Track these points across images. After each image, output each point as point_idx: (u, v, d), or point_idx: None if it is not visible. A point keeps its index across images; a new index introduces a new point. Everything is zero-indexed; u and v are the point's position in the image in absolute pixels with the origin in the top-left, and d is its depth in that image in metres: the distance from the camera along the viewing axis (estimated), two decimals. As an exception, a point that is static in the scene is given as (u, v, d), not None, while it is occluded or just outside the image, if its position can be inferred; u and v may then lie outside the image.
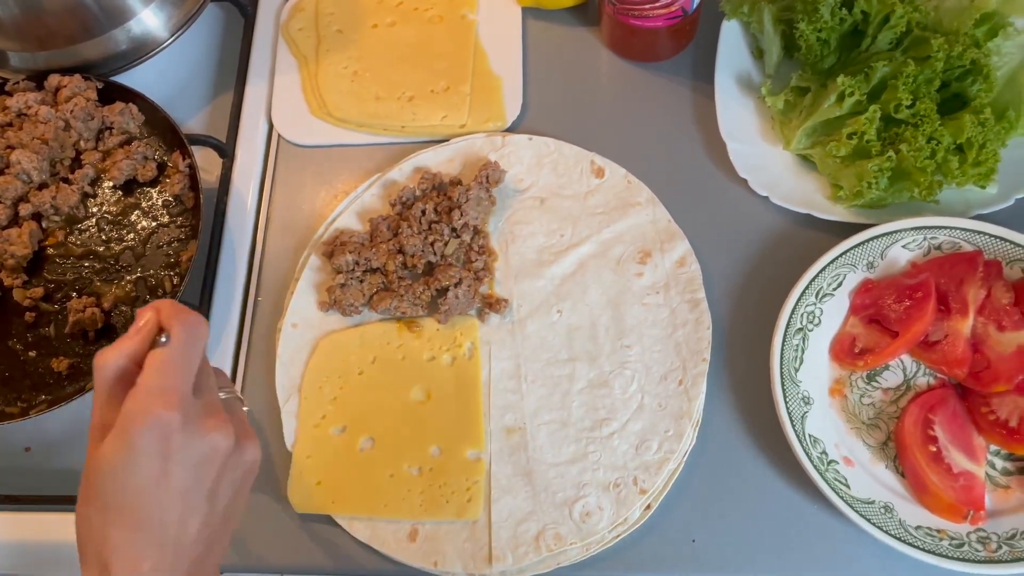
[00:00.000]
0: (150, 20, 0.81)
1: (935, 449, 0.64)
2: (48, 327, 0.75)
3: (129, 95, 0.80)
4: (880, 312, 0.68)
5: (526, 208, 0.77)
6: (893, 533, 0.62)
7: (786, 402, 0.65)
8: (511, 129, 0.81)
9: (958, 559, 0.61)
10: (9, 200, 0.77)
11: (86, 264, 0.77)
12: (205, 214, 0.76)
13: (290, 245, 0.80)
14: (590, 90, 0.83)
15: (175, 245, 0.77)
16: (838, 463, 0.65)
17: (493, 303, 0.73)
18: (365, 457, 0.69)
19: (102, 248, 0.77)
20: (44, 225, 0.78)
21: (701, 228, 0.75)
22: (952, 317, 0.67)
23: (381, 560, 0.67)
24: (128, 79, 0.81)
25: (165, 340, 0.50)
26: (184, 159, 0.78)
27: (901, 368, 0.69)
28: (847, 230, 0.70)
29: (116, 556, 0.47)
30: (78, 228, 0.78)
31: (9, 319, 0.75)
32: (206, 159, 0.83)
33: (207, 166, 0.83)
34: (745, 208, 0.75)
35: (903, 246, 0.69)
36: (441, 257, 0.74)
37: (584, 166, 0.78)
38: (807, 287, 0.68)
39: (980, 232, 0.68)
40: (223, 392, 0.55)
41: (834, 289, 0.69)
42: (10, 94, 0.80)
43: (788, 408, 0.65)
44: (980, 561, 0.60)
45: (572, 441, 0.68)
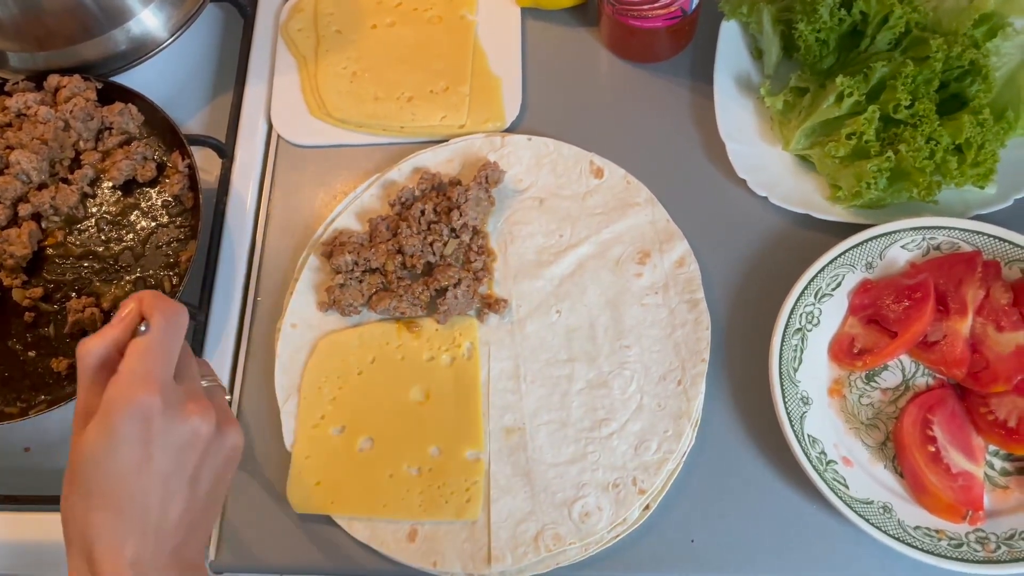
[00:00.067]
0: (149, 20, 0.81)
1: (934, 449, 0.64)
2: (47, 327, 0.75)
3: (128, 95, 0.80)
4: (879, 312, 0.68)
5: (525, 208, 0.77)
6: (892, 533, 0.62)
7: (785, 402, 0.65)
8: (510, 129, 0.81)
9: (957, 559, 0.61)
10: (8, 200, 0.77)
11: (85, 264, 0.77)
12: (204, 214, 0.76)
13: (289, 245, 0.80)
14: (589, 90, 0.83)
15: (174, 245, 0.77)
16: (837, 463, 0.65)
17: (492, 303, 0.73)
18: (364, 457, 0.69)
19: (101, 248, 0.77)
20: (43, 225, 0.78)
21: (700, 228, 0.75)
22: (951, 317, 0.67)
23: (380, 560, 0.68)
24: (128, 79, 0.81)
25: (145, 329, 0.51)
26: (183, 159, 0.78)
27: (900, 368, 0.69)
28: (846, 230, 0.70)
29: (99, 541, 0.48)
30: (77, 228, 0.78)
31: (8, 319, 0.75)
32: (205, 159, 0.83)
33: (206, 166, 0.83)
34: (744, 208, 0.75)
35: (902, 246, 0.69)
36: (440, 257, 0.74)
37: (583, 166, 0.78)
38: (806, 287, 0.68)
39: (979, 232, 0.68)
40: (205, 380, 0.56)
41: (833, 289, 0.69)
42: (9, 94, 0.80)
43: (787, 408, 0.65)
44: (979, 561, 0.61)
45: (571, 441, 0.68)
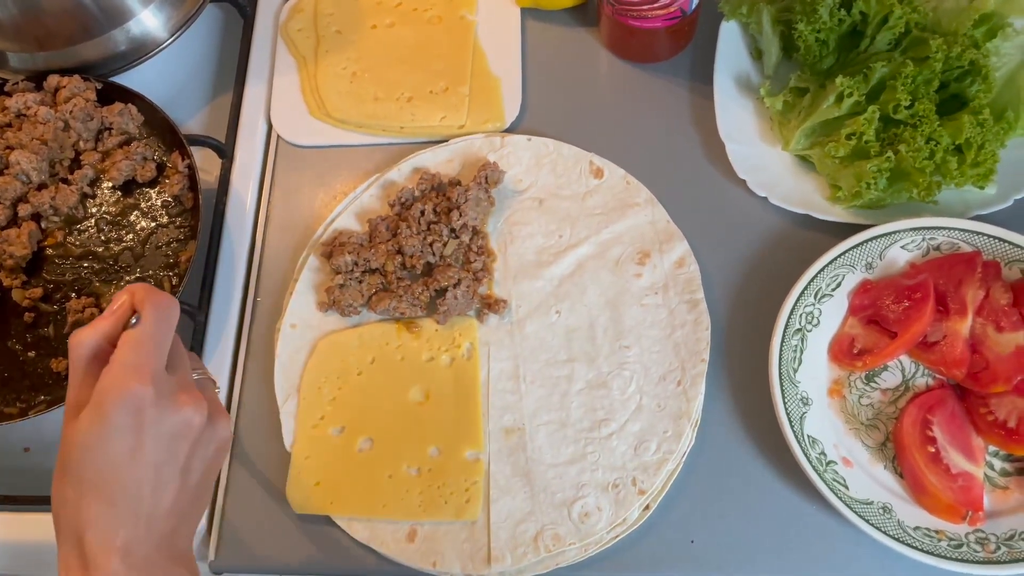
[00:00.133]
0: (149, 21, 0.81)
1: (934, 450, 0.64)
2: (47, 327, 0.75)
3: (128, 96, 0.80)
4: (879, 313, 0.68)
5: (525, 209, 0.77)
6: (892, 534, 0.62)
7: (785, 403, 0.65)
8: (510, 130, 0.81)
9: (956, 560, 0.61)
10: (8, 201, 0.77)
11: (85, 265, 0.77)
12: (204, 215, 0.76)
13: (289, 245, 0.80)
14: (589, 91, 0.83)
15: (174, 246, 0.77)
16: (837, 464, 0.65)
17: (492, 304, 0.73)
18: (364, 458, 0.69)
19: (101, 249, 0.77)
20: (43, 226, 0.78)
21: (700, 229, 0.75)
22: (951, 318, 0.67)
23: (380, 560, 0.67)
24: (127, 80, 0.81)
25: (136, 321, 0.52)
26: (183, 160, 0.78)
27: (900, 369, 0.69)
28: (846, 231, 0.70)
29: (90, 529, 0.48)
30: (77, 229, 0.78)
31: (8, 320, 0.75)
32: (205, 160, 0.83)
33: (206, 167, 0.83)
34: (744, 209, 0.75)
35: (902, 247, 0.69)
36: (440, 258, 0.74)
37: (583, 167, 0.78)
38: (806, 288, 0.68)
39: (979, 233, 0.68)
40: (195, 373, 0.57)
41: (833, 290, 0.69)
42: (9, 95, 0.80)
43: (787, 409, 0.65)
44: (978, 562, 0.60)
45: (571, 442, 0.68)
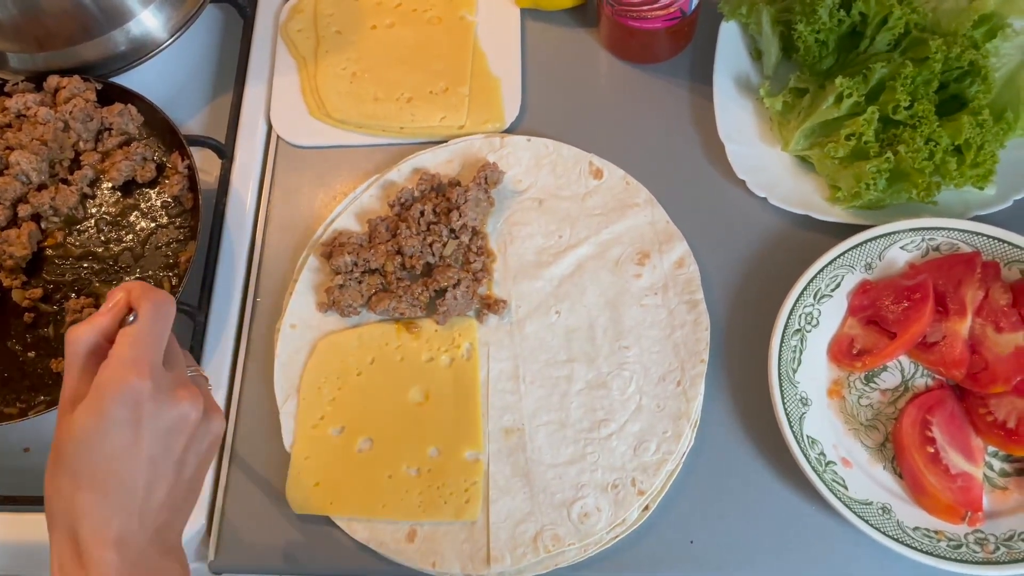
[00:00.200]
0: (149, 21, 0.81)
1: (933, 450, 0.64)
2: (47, 328, 0.75)
3: (128, 96, 0.80)
4: (878, 313, 0.68)
5: (524, 209, 0.77)
6: (891, 534, 0.62)
7: (784, 403, 0.65)
8: (510, 130, 0.81)
9: (956, 560, 0.61)
10: (8, 201, 0.77)
11: (85, 265, 0.77)
12: (204, 215, 0.76)
13: (289, 246, 0.80)
14: (589, 91, 0.83)
15: (174, 246, 0.77)
16: (836, 464, 0.65)
17: (491, 304, 0.73)
18: (363, 458, 0.69)
19: (101, 249, 0.77)
20: (43, 226, 0.78)
21: (699, 229, 0.75)
22: (950, 318, 0.67)
23: (379, 561, 0.67)
24: (127, 80, 0.81)
25: (133, 319, 0.52)
26: (183, 160, 0.78)
27: (899, 369, 0.69)
28: (845, 231, 0.70)
29: (84, 521, 0.49)
30: (77, 229, 0.78)
31: (8, 320, 0.75)
32: (205, 160, 0.83)
33: (206, 167, 0.83)
34: (743, 209, 0.75)
35: (901, 247, 0.69)
36: (440, 258, 0.74)
37: (582, 167, 0.78)
38: (805, 288, 0.68)
39: (978, 233, 0.68)
40: (189, 370, 0.57)
41: (832, 290, 0.69)
42: (9, 95, 0.80)
43: (786, 409, 0.65)
44: (978, 562, 0.60)
45: (570, 442, 0.68)
